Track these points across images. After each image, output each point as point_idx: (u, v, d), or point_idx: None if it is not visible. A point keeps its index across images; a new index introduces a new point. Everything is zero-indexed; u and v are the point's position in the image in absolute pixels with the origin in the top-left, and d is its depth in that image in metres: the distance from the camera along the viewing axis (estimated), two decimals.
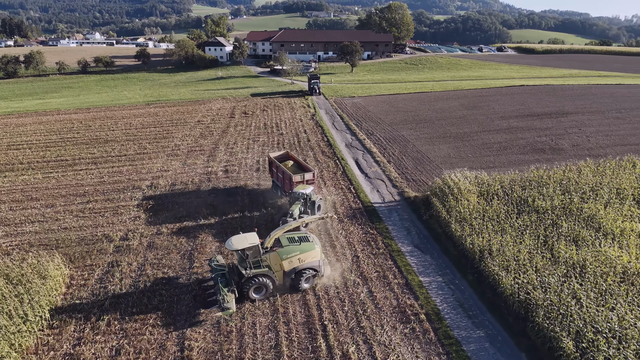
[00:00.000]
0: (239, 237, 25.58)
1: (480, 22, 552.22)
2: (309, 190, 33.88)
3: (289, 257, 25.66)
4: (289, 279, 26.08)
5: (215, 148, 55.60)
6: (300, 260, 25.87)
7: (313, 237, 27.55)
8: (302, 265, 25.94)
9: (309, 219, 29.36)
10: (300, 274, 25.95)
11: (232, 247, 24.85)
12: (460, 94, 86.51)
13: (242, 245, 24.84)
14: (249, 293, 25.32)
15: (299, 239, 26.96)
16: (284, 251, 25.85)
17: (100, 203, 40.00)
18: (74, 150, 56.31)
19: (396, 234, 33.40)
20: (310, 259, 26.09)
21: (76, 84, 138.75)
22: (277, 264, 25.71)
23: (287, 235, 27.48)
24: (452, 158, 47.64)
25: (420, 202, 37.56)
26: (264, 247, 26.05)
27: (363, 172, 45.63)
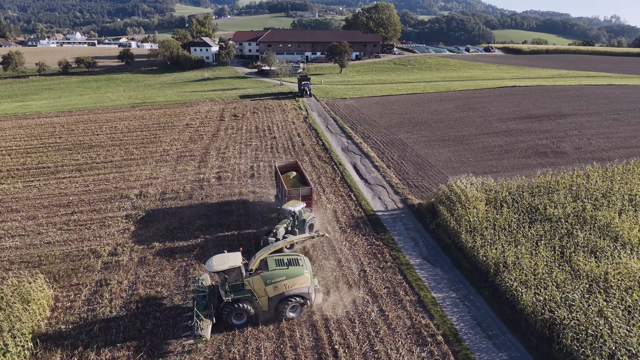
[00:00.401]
0: (221, 257, 23.10)
1: (464, 22, 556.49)
2: (298, 208, 31.09)
3: (274, 282, 23.10)
4: (274, 306, 23.55)
5: (206, 153, 53.37)
6: (287, 286, 23.27)
7: (304, 261, 24.87)
8: (289, 292, 23.39)
9: (297, 239, 26.34)
10: (286, 301, 23.40)
11: (212, 269, 22.38)
12: (453, 95, 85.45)
13: (223, 267, 22.42)
14: (228, 319, 22.90)
15: (287, 261, 24.24)
16: (269, 275, 23.24)
17: (85, 214, 37.59)
18: (56, 156, 53.56)
19: (403, 245, 31.74)
20: (298, 285, 23.47)
21: (57, 85, 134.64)
22: (260, 289, 23.12)
23: (275, 256, 24.90)
24: (453, 162, 46.23)
25: (426, 210, 35.99)
26: (248, 269, 23.68)
27: (362, 178, 43.93)
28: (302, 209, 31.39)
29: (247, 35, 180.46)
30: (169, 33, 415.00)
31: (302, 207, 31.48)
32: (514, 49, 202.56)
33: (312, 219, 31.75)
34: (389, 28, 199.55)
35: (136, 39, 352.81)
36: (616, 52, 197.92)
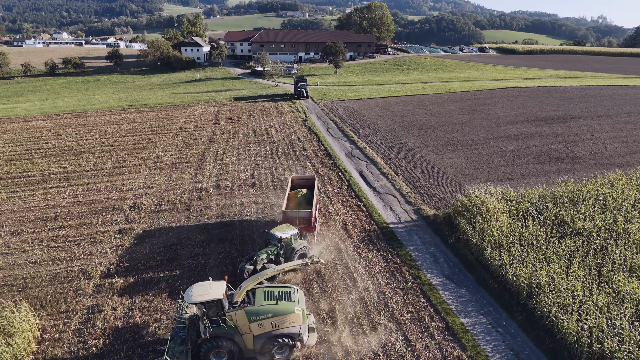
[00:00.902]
0: (202, 287, 20.25)
1: (453, 22, 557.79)
2: (288, 234, 27.81)
3: (260, 320, 20.19)
4: (260, 344, 20.64)
5: (202, 159, 50.63)
6: (274, 324, 20.39)
7: (298, 295, 21.89)
8: (277, 332, 20.51)
9: (288, 266, 23.31)
10: (272, 340, 20.50)
11: (190, 300, 19.57)
12: (454, 96, 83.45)
13: (202, 298, 19.58)
14: (206, 358, 20.16)
15: (279, 294, 21.29)
16: (254, 311, 20.30)
17: (75, 229, 34.71)
18: (42, 163, 50.46)
19: (422, 262, 29.37)
20: (287, 324, 20.55)
21: (43, 87, 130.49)
22: (244, 326, 20.29)
23: (265, 287, 22.13)
24: (464, 169, 44.01)
25: (442, 222, 33.67)
26: (233, 301, 20.89)
27: (371, 186, 41.50)
28: (292, 236, 28.01)
29: (239, 35, 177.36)
30: (157, 33, 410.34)
31: (293, 234, 28.07)
32: (509, 49, 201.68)
33: (304, 248, 28.14)
34: (382, 28, 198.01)
35: (124, 39, 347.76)
36: (610, 52, 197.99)
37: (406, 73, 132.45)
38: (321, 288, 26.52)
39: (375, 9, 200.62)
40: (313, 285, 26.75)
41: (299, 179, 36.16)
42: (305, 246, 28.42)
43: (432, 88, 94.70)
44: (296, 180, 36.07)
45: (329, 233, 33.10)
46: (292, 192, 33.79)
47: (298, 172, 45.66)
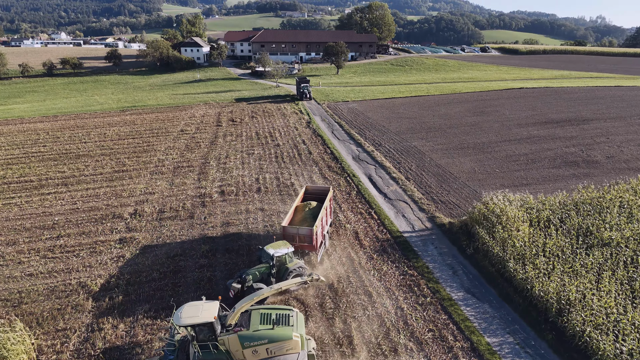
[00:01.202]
0: (193, 308, 18.65)
1: (453, 22, 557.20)
2: (282, 252, 25.63)
3: (254, 346, 18.57)
4: None
5: (205, 163, 49.05)
6: (270, 351, 18.75)
7: (297, 318, 20.13)
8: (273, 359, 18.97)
9: (286, 284, 21.70)
10: None
11: (179, 322, 17.99)
12: (460, 97, 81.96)
13: (192, 321, 17.97)
14: None
15: (276, 318, 19.61)
16: (248, 336, 18.65)
17: (73, 238, 33.11)
18: (40, 167, 48.85)
19: (440, 274, 27.82)
20: (284, 351, 18.86)
21: (41, 87, 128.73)
22: (237, 351, 18.68)
23: (262, 309, 20.47)
24: (477, 173, 42.48)
25: (459, 231, 32.14)
26: (226, 323, 19.28)
27: (381, 192, 39.95)
28: (288, 255, 25.88)
29: (239, 35, 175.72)
30: (156, 33, 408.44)
31: (289, 253, 25.92)
32: (511, 49, 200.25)
33: (300, 269, 25.82)
34: (383, 28, 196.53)
35: (123, 39, 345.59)
36: (613, 52, 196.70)
37: (409, 73, 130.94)
38: (335, 303, 24.97)
39: (376, 9, 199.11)
40: (326, 301, 25.20)
41: (313, 190, 33.97)
42: (301, 267, 26.08)
43: (436, 89, 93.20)
44: (311, 190, 33.99)
45: (340, 243, 31.57)
46: (300, 205, 31.89)
47: (303, 175, 44.10)
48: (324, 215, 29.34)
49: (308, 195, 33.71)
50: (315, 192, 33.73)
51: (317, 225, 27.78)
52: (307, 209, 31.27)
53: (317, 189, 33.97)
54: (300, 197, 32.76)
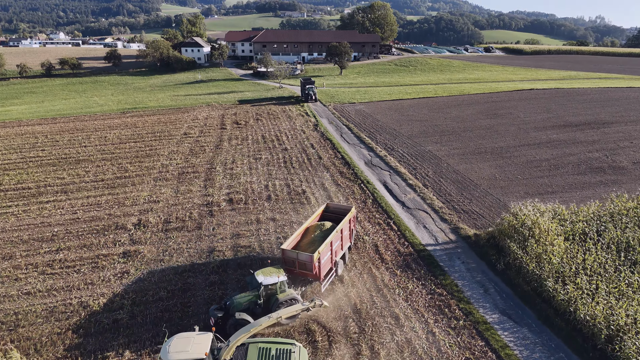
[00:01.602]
0: (183, 341, 16.84)
1: (452, 22, 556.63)
2: (272, 280, 22.87)
3: None
4: None
5: (211, 169, 46.95)
6: None
7: (299, 354, 18.17)
8: None
9: (287, 313, 20.04)
10: None
11: (166, 357, 16.20)
12: (469, 99, 79.93)
13: (180, 356, 16.18)
14: None
15: (276, 354, 17.72)
16: None
17: (74, 252, 31.00)
18: (38, 173, 46.70)
19: (471, 293, 25.75)
20: None
21: (40, 88, 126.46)
22: None
23: (260, 342, 18.53)
24: (498, 180, 40.43)
25: (486, 244, 30.08)
26: (220, 358, 17.41)
27: (398, 201, 37.86)
28: (279, 284, 23.08)
29: (240, 35, 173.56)
30: (155, 33, 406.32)
31: (281, 282, 23.07)
32: (515, 50, 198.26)
33: (291, 302, 22.69)
34: (385, 28, 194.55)
35: (122, 39, 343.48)
36: (618, 52, 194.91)
37: (413, 74, 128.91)
38: (359, 327, 22.91)
39: (378, 9, 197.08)
40: (350, 324, 23.14)
41: (334, 209, 30.62)
42: (294, 299, 22.94)
43: (444, 90, 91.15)
44: (332, 209, 30.73)
45: (359, 257, 29.49)
46: (313, 225, 28.74)
47: (314, 182, 42.00)
48: (335, 239, 26.08)
49: (327, 214, 30.42)
50: (336, 210, 30.41)
51: (322, 251, 24.39)
52: (318, 231, 27.96)
53: (338, 208, 30.57)
54: (315, 216, 29.73)
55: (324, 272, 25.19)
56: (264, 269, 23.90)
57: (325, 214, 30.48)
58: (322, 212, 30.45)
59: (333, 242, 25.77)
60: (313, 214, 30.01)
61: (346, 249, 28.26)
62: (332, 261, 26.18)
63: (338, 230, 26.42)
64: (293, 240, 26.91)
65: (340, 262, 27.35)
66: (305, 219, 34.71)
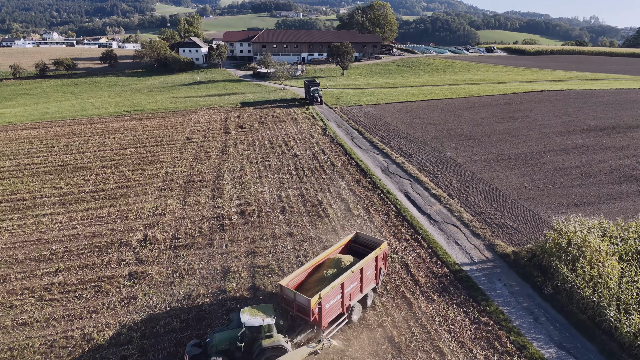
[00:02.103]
0: None
1: (448, 22, 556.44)
2: (257, 322, 19.81)
3: None
4: None
5: (218, 177, 44.17)
6: None
7: None
8: None
9: None
10: None
11: None
12: (480, 101, 77.47)
13: None
14: None
15: None
16: None
17: (74, 273, 28.18)
18: (33, 183, 43.74)
19: (520, 322, 23.14)
20: None
21: (34, 90, 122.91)
22: None
23: None
24: (528, 190, 37.88)
25: (527, 264, 27.50)
26: None
27: (424, 213, 35.22)
28: (265, 327, 19.91)
29: (239, 35, 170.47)
30: (150, 33, 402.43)
31: (267, 325, 19.92)
32: (518, 50, 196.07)
33: (276, 351, 19.55)
34: (385, 28, 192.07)
35: (117, 39, 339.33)
36: (621, 52, 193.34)
37: (417, 75, 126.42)
38: None
39: (378, 8, 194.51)
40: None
41: (364, 240, 26.00)
42: (280, 346, 19.60)
43: (452, 91, 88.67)
44: (361, 239, 26.15)
45: (390, 279, 26.82)
46: (330, 259, 24.50)
47: (330, 191, 39.29)
48: (349, 280, 22.07)
49: (354, 246, 26.16)
50: (365, 242, 25.84)
51: (325, 294, 20.63)
52: (334, 266, 23.63)
53: (368, 240, 25.84)
54: (339, 246, 25.63)
55: (328, 318, 21.44)
56: (253, 307, 20.87)
57: (352, 245, 26.27)
58: (350, 242, 26.33)
59: (346, 284, 21.86)
60: (335, 245, 25.87)
61: (369, 290, 24.03)
62: (344, 306, 22.23)
63: (356, 269, 22.41)
64: (301, 273, 23.27)
65: (358, 306, 23.19)
66: (325, 234, 32.19)
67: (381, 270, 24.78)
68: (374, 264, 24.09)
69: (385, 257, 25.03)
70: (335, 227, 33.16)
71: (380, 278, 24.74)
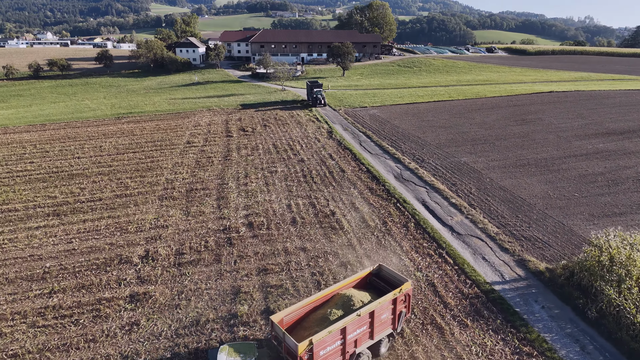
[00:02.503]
0: None
1: (445, 22, 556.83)
2: None
3: None
4: None
5: (222, 185, 41.78)
6: None
7: None
8: None
9: None
10: None
11: None
12: (488, 102, 75.39)
13: None
14: None
15: None
16: None
17: (70, 295, 25.74)
18: (26, 191, 41.20)
19: (566, 352, 20.92)
20: None
21: (27, 91, 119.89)
22: None
23: None
24: (554, 199, 35.72)
25: (565, 283, 25.28)
26: None
27: (445, 225, 32.97)
28: None
29: (236, 35, 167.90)
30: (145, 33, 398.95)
31: None
32: (519, 50, 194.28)
33: None
34: (384, 27, 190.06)
35: (112, 39, 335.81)
36: (623, 52, 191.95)
37: (419, 75, 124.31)
38: None
39: (377, 8, 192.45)
40: None
41: (386, 275, 22.44)
42: None
43: (457, 92, 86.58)
44: (384, 274, 22.54)
45: (416, 300, 24.55)
46: (341, 294, 21.11)
47: (342, 200, 36.99)
48: (353, 325, 18.87)
49: (376, 280, 22.72)
50: (387, 278, 22.32)
51: (318, 340, 17.70)
52: (339, 308, 20.11)
53: (390, 276, 22.20)
54: (353, 280, 22.11)
55: None
56: (233, 345, 18.55)
57: (373, 280, 22.81)
58: (370, 275, 22.83)
59: (349, 329, 18.69)
60: (351, 277, 22.59)
61: (382, 336, 20.66)
62: (346, 353, 19.09)
63: (364, 313, 19.12)
64: (300, 308, 20.25)
65: (366, 353, 20.00)
66: (341, 249, 29.90)
67: (402, 315, 21.20)
68: (391, 307, 20.55)
69: (408, 300, 21.29)
70: (351, 241, 30.89)
71: (400, 323, 21.18)
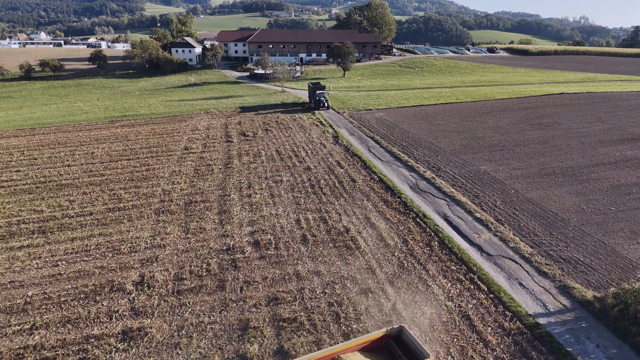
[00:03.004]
0: None
1: (441, 22, 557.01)
2: None
3: None
4: None
5: (224, 196, 38.54)
6: None
7: None
8: None
9: None
10: None
11: None
12: (498, 105, 72.47)
13: None
14: None
15: None
16: None
17: (54, 332, 22.45)
18: (10, 204, 37.82)
19: None
20: None
21: (17, 92, 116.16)
22: None
23: None
24: (588, 213, 32.69)
25: (619, 315, 22.22)
26: None
27: (473, 244, 29.84)
28: None
29: (233, 35, 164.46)
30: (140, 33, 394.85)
31: None
32: (520, 50, 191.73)
33: None
34: (383, 27, 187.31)
35: (106, 39, 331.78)
36: (626, 53, 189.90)
37: (421, 76, 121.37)
38: None
39: (376, 7, 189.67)
40: None
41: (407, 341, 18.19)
42: None
43: (464, 94, 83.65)
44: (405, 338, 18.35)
45: (451, 339, 21.40)
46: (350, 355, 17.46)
47: (356, 215, 33.84)
48: None
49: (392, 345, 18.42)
50: (407, 344, 18.12)
51: None
52: None
53: (410, 342, 17.96)
54: (363, 341, 18.17)
55: None
56: None
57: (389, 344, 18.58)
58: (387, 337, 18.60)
59: None
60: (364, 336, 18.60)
61: None
62: None
63: None
64: None
65: None
66: (359, 273, 26.70)
67: None
68: None
69: None
70: (370, 263, 27.73)
71: None
